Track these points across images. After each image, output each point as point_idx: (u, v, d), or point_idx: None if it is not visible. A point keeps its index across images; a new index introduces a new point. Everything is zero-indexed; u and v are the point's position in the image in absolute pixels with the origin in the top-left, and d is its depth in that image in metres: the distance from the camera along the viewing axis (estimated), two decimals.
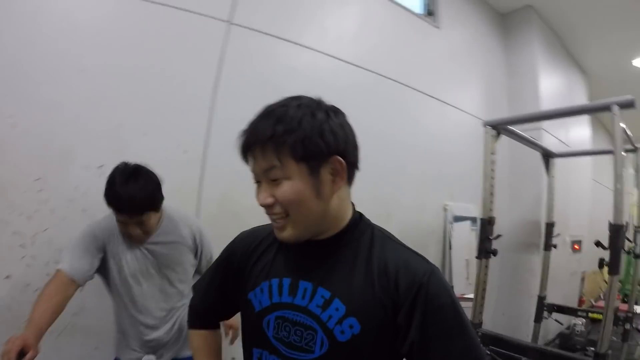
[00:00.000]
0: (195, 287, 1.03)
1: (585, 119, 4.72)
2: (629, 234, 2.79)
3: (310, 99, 0.77)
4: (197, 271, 1.63)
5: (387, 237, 0.82)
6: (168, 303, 1.51)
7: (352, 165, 0.79)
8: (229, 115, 2.08)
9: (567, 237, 3.72)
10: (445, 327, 0.72)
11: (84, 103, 1.78)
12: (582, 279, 4.29)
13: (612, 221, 1.80)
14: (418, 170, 2.94)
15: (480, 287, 2.08)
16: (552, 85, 3.90)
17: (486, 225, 2.11)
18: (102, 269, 1.42)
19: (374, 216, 2.38)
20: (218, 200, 2.05)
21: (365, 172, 2.58)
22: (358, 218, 0.84)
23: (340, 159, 0.75)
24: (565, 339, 3.37)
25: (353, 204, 0.85)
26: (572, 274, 3.96)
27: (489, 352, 2.30)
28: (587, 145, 4.57)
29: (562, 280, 3.73)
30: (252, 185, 0.86)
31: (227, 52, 2.13)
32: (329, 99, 0.81)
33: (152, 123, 1.89)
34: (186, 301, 1.51)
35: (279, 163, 0.72)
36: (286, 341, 0.79)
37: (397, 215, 2.78)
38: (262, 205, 0.77)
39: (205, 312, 1.00)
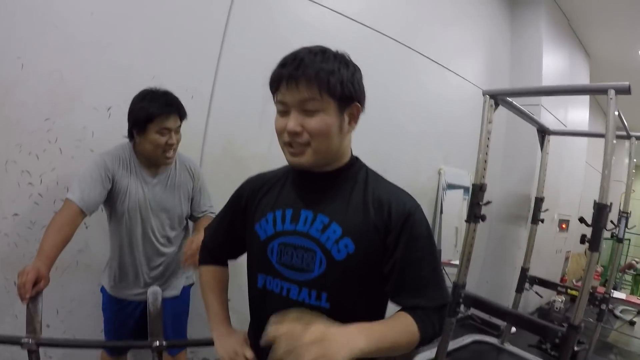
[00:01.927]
0: (207, 228, 1.17)
1: (584, 102, 4.84)
2: (615, 218, 2.97)
3: (341, 53, 0.90)
4: (192, 217, 1.74)
5: (379, 176, 0.99)
6: (156, 245, 1.62)
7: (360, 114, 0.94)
8: (235, 64, 2.19)
9: (555, 215, 3.90)
10: (424, 251, 0.90)
11: (93, 45, 1.83)
12: (567, 259, 4.51)
13: (597, 200, 1.93)
14: (415, 132, 3.07)
15: (467, 250, 2.24)
16: (555, 64, 3.99)
17: (477, 191, 2.25)
18: (108, 199, 1.51)
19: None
20: (222, 145, 2.15)
21: (365, 127, 2.72)
22: (355, 158, 1.00)
23: (359, 105, 0.91)
24: (544, 313, 3.60)
25: (351, 148, 0.99)
26: (557, 251, 4.17)
27: (470, 315, 2.50)
28: (584, 128, 4.70)
29: (547, 256, 3.93)
30: (255, 133, 0.97)
31: (236, 1, 2.19)
32: None
33: (160, 67, 1.96)
34: (172, 249, 1.66)
35: (319, 97, 0.84)
36: (288, 264, 0.92)
37: (392, 172, 2.86)
38: (290, 131, 0.86)
39: (215, 249, 1.13)
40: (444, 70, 3.24)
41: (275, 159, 1.39)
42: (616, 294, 4.02)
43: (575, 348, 2.91)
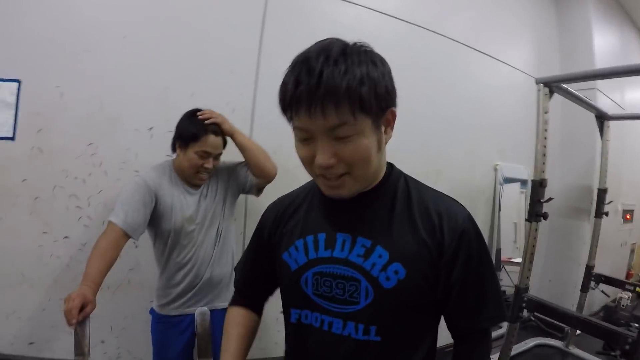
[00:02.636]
0: (236, 268, 1.05)
1: None
2: None
3: (362, 46, 0.72)
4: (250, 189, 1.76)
5: (420, 184, 0.86)
6: (210, 250, 1.64)
7: None
8: (275, 72, 2.17)
9: (619, 206, 3.66)
10: (482, 269, 0.80)
11: (129, 69, 1.90)
12: (632, 251, 4.23)
13: None
14: (468, 126, 2.97)
15: (529, 252, 2.11)
16: (606, 44, 3.74)
17: (537, 188, 2.11)
18: (152, 219, 1.53)
19: (424, 172, 2.46)
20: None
21: (414, 127, 2.62)
22: (390, 166, 0.86)
23: (394, 109, 0.76)
24: (610, 312, 3.37)
25: None
26: (622, 244, 3.93)
27: (533, 319, 2.36)
28: None
29: (611, 250, 3.71)
30: (290, 143, 0.89)
31: (270, 8, 2.19)
32: None
33: (198, 84, 1.99)
34: (223, 261, 1.67)
35: (352, 119, 0.68)
36: (328, 296, 0.80)
37: (447, 172, 2.86)
38: (323, 166, 0.72)
39: (246, 290, 1.01)
40: (491, 60, 3.11)
41: None
42: None
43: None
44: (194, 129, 1.50)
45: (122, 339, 2.04)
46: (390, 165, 0.86)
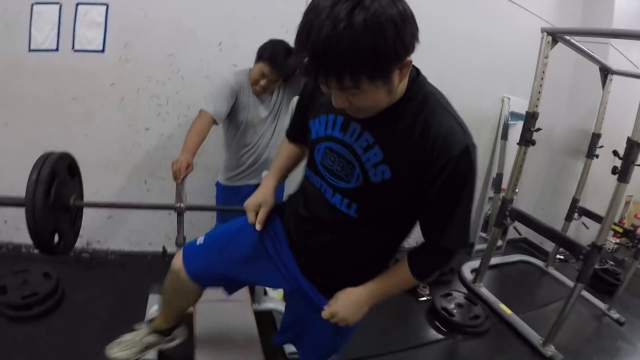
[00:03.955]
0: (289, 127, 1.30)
1: None
2: None
3: (381, 1, 0.70)
4: None
5: (437, 103, 0.90)
6: (269, 137, 2.14)
7: None
8: None
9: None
10: (458, 197, 0.91)
11: None
12: (627, 203, 4.64)
13: (630, 136, 2.22)
14: (480, 62, 3.34)
15: (516, 170, 2.63)
16: (630, 2, 3.87)
17: (530, 119, 2.59)
18: (230, 112, 1.99)
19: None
20: None
21: (430, 58, 3.11)
22: (412, 82, 0.90)
23: (410, 59, 0.78)
24: None
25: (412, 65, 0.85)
26: None
27: (515, 228, 2.92)
28: None
29: (607, 197, 4.10)
30: None
31: None
32: None
33: (259, 8, 2.44)
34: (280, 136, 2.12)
35: (357, 90, 0.76)
36: (329, 168, 0.99)
37: (457, 98, 3.21)
38: (338, 108, 0.85)
39: (295, 139, 1.25)
40: (510, 4, 3.37)
41: None
42: None
43: (609, 279, 3.26)
44: (263, 51, 1.92)
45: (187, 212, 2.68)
46: (412, 80, 0.90)
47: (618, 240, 4.32)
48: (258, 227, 1.14)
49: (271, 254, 1.20)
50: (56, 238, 1.47)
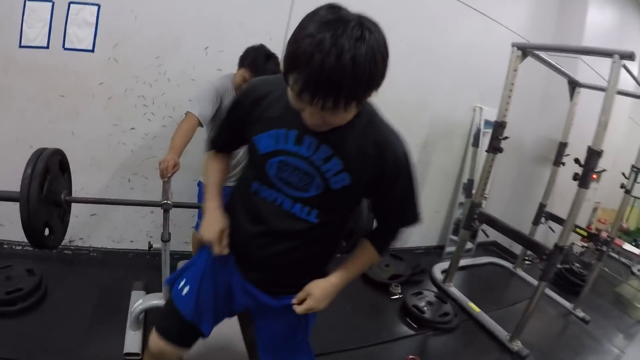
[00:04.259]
0: (211, 134, 1.36)
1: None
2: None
3: (378, 39, 0.80)
4: None
5: (380, 121, 1.03)
6: None
7: None
8: (305, 9, 2.76)
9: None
10: (409, 189, 1.09)
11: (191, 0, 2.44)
12: (595, 209, 4.91)
13: (590, 145, 2.41)
14: (454, 72, 3.52)
15: (484, 176, 2.82)
16: (603, 20, 4.15)
17: (498, 127, 2.78)
18: (214, 116, 2.08)
19: (411, 102, 3.21)
20: None
21: (411, 59, 3.22)
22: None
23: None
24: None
25: None
26: (585, 200, 4.57)
27: (483, 230, 3.10)
28: (631, 87, 4.85)
29: (571, 201, 4.33)
30: None
31: None
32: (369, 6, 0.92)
33: (245, 15, 2.55)
34: None
35: (343, 111, 0.85)
36: (285, 181, 1.04)
37: (431, 104, 3.46)
38: (310, 125, 0.91)
39: (220, 148, 1.27)
40: (488, 19, 3.57)
41: None
42: (630, 248, 4.45)
43: (575, 279, 3.47)
44: (245, 57, 2.03)
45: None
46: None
47: (585, 244, 4.58)
48: (225, 251, 1.16)
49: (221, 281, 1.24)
50: (46, 232, 1.54)
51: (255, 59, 2.01)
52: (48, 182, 1.47)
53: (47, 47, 2.32)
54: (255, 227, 1.11)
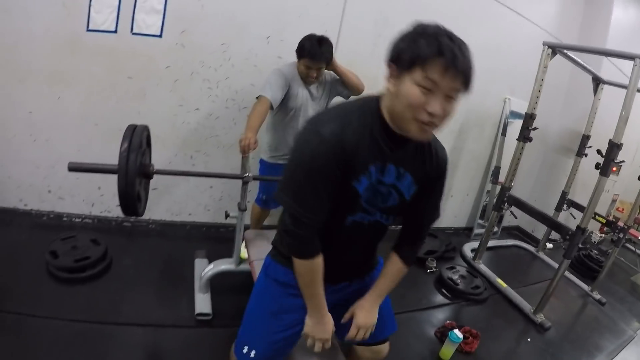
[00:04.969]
0: (309, 210, 1.09)
1: None
2: None
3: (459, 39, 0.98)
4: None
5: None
6: None
7: None
8: (356, 6, 3.00)
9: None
10: (444, 188, 1.29)
11: None
12: (614, 201, 5.15)
13: (611, 138, 2.64)
14: (486, 65, 3.61)
15: (514, 162, 3.09)
16: (627, 19, 4.31)
17: (528, 119, 3.05)
18: (284, 97, 2.33)
19: None
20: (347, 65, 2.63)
21: None
22: None
23: None
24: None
25: None
26: (605, 191, 4.80)
27: (512, 212, 3.37)
28: None
29: (592, 190, 4.55)
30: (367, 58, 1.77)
31: None
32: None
33: (304, 8, 2.81)
34: None
35: (463, 90, 0.99)
36: (372, 203, 1.18)
37: (465, 96, 3.68)
38: (436, 114, 0.98)
39: (318, 225, 1.13)
40: (515, 14, 3.79)
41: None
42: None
43: (592, 265, 3.72)
44: (303, 49, 2.26)
45: (226, 186, 3.05)
46: None
47: (604, 234, 4.83)
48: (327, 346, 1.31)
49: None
50: None
51: (311, 47, 2.25)
52: (140, 155, 1.59)
53: (115, 32, 2.51)
54: (346, 255, 1.30)
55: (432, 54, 0.93)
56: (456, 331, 2.33)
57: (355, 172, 1.09)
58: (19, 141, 2.61)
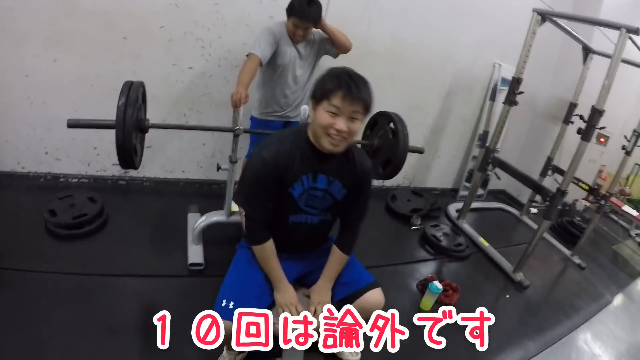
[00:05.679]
0: (252, 211, 1.54)
1: None
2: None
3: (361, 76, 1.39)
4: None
5: (355, 148, 1.63)
6: (299, 84, 2.62)
7: None
8: None
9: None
10: (368, 194, 1.65)
11: None
12: (600, 171, 5.29)
13: (594, 105, 2.73)
14: (477, 29, 3.81)
15: (500, 125, 3.22)
16: None
17: (515, 83, 3.15)
18: (273, 54, 2.43)
19: (437, 55, 3.61)
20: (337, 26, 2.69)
21: (438, 16, 3.61)
22: None
23: None
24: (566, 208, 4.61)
25: None
26: (591, 161, 4.91)
27: (495, 173, 3.51)
28: None
29: (581, 163, 4.71)
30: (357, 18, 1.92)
31: None
32: None
33: None
34: (303, 87, 2.65)
35: (363, 115, 1.39)
36: (310, 205, 1.57)
37: (455, 58, 3.81)
38: (340, 130, 1.35)
39: (263, 221, 1.55)
40: None
41: (373, 38, 2.37)
42: (629, 210, 4.86)
43: (574, 231, 3.88)
44: (293, 6, 2.35)
45: (218, 142, 3.17)
46: None
47: (588, 203, 4.98)
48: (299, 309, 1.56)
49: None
50: None
51: (300, 6, 2.34)
52: (136, 110, 1.67)
53: None
54: (294, 239, 1.67)
55: (334, 87, 1.33)
56: (436, 282, 2.47)
57: (289, 182, 1.48)
58: (15, 105, 2.68)
